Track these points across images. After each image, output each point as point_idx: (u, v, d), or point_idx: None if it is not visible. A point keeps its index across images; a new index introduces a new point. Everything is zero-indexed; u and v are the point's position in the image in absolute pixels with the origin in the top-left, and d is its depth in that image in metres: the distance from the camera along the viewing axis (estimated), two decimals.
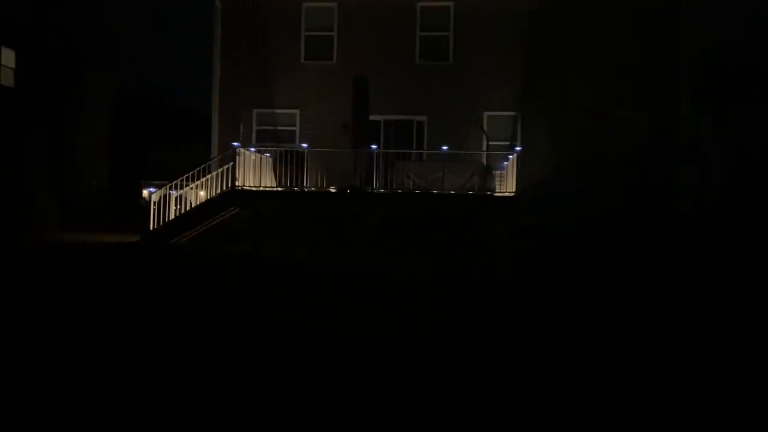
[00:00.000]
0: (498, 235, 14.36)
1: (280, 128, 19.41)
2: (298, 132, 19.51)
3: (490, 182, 15.16)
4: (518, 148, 14.50)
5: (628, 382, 5.52)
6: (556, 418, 4.69)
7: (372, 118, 19.03)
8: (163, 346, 6.57)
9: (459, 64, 18.77)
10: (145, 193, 18.05)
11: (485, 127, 18.57)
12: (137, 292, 9.75)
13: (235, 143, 16.00)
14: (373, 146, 15.16)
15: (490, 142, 18.12)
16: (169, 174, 17.83)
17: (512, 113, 18.59)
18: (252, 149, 16.29)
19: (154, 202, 15.53)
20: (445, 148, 15.36)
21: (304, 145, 15.45)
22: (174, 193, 16.44)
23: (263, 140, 19.25)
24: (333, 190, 15.40)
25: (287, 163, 16.33)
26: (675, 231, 16.77)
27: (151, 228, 15.57)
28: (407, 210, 15.18)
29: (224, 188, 15.65)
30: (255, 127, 19.78)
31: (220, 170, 16.01)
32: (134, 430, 4.39)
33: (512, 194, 14.57)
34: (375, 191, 15.13)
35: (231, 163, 15.57)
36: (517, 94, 18.52)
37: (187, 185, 16.21)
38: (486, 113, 18.70)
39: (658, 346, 6.85)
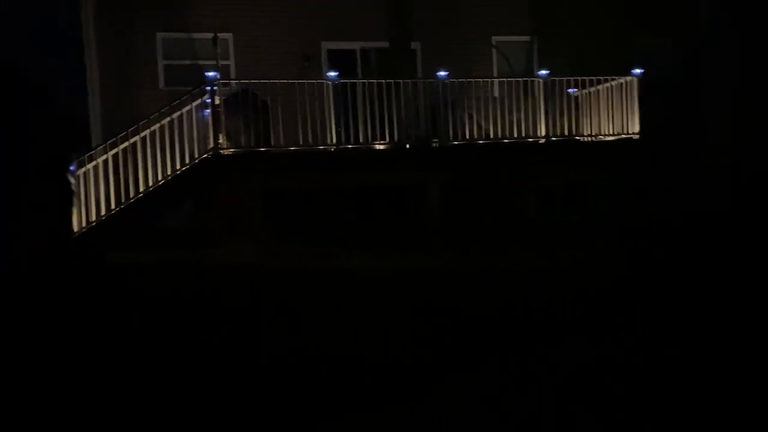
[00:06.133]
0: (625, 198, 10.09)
1: (202, 62, 12.68)
2: (233, 67, 12.95)
3: (579, 124, 10.74)
4: (638, 71, 10.28)
5: None
6: None
7: (343, 46, 13.39)
8: None
9: None
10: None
11: (495, 55, 13.98)
12: None
13: (211, 73, 9.38)
14: (441, 73, 9.71)
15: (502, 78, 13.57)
16: None
17: (526, 38, 14.22)
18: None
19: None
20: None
21: (332, 74, 9.44)
22: (73, 170, 9.33)
23: (174, 82, 12.41)
24: (379, 147, 9.67)
25: (254, 111, 10.12)
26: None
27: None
28: (476, 172, 10.14)
29: (191, 157, 9.05)
30: (161, 62, 12.76)
31: (148, 129, 9.28)
32: None
33: (633, 136, 10.35)
34: (437, 144, 9.79)
35: (202, 107, 9.03)
36: (530, 13, 14.16)
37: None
38: (495, 38, 14.09)
39: None
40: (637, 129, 10.35)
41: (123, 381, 4.53)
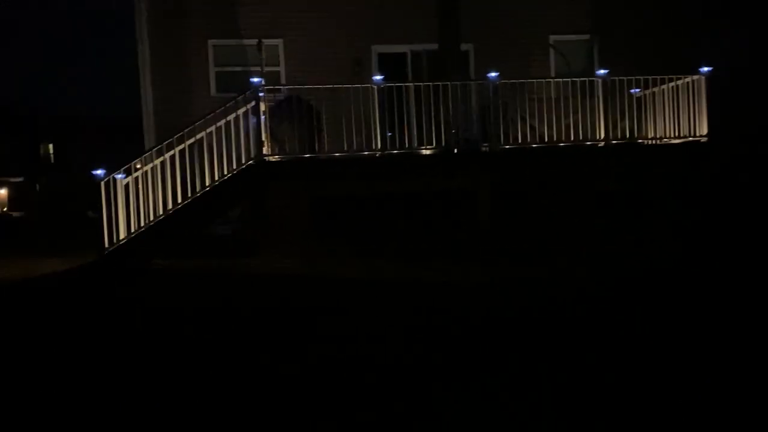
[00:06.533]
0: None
1: (254, 69, 12.66)
2: (283, 73, 12.91)
3: (641, 126, 10.10)
4: (706, 69, 9.61)
5: None
6: None
7: (393, 50, 13.14)
8: None
9: None
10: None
11: (553, 55, 13.43)
12: None
13: (255, 79, 9.31)
14: (492, 74, 9.31)
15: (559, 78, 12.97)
16: None
17: (586, 36, 13.62)
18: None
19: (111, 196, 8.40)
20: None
21: (377, 77, 9.20)
22: (122, 179, 9.41)
23: (226, 89, 12.42)
24: (427, 152, 9.37)
25: (300, 117, 9.95)
26: None
27: (110, 242, 8.51)
28: (528, 177, 9.68)
29: (238, 163, 8.97)
30: (213, 69, 12.84)
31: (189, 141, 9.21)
32: None
33: (701, 139, 9.66)
34: (488, 149, 9.39)
35: (250, 114, 8.96)
36: (590, 11, 13.55)
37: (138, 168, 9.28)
38: (552, 37, 13.55)
39: None
40: (705, 131, 9.63)
41: (143, 384, 4.37)
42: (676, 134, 9.80)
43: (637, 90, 10.24)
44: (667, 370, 4.44)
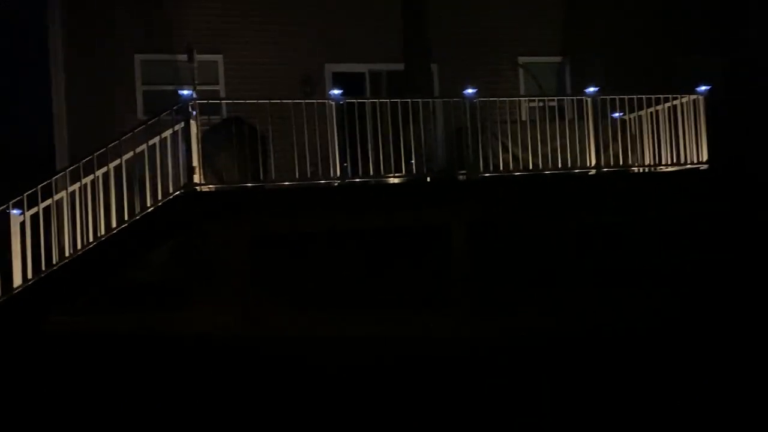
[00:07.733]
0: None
1: (189, 87, 10.99)
2: (223, 92, 11.28)
3: (632, 153, 8.91)
4: (703, 88, 8.54)
5: None
6: None
7: (351, 69, 11.73)
8: None
9: None
10: None
11: (522, 77, 12.29)
12: None
13: (185, 92, 7.66)
14: (469, 90, 7.93)
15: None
16: None
17: (557, 59, 12.57)
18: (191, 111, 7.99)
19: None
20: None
21: (335, 92, 7.64)
22: (17, 215, 7.60)
23: (155, 110, 10.66)
24: (394, 181, 7.88)
25: (242, 141, 8.38)
26: None
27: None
28: (511, 210, 8.32)
29: (164, 194, 7.28)
30: (140, 88, 11.10)
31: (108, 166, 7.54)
32: None
33: (701, 166, 8.50)
34: (465, 177, 7.98)
35: (179, 138, 7.33)
36: (561, 32, 12.53)
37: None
38: (522, 59, 12.42)
39: None
40: (704, 158, 8.53)
41: None
42: (673, 160, 8.65)
43: (620, 113, 9.11)
44: None
